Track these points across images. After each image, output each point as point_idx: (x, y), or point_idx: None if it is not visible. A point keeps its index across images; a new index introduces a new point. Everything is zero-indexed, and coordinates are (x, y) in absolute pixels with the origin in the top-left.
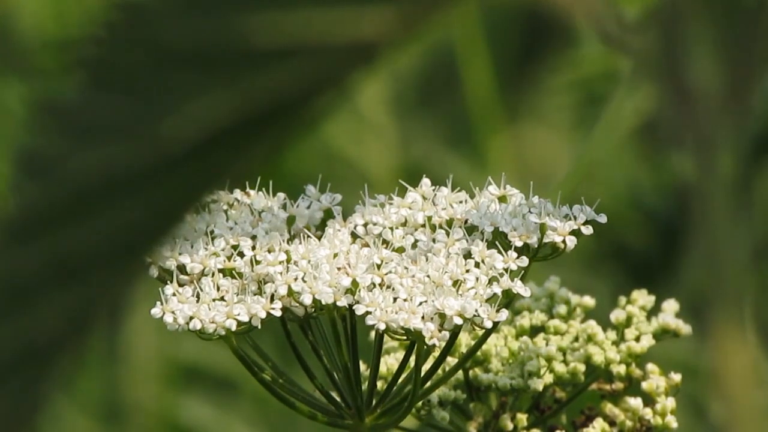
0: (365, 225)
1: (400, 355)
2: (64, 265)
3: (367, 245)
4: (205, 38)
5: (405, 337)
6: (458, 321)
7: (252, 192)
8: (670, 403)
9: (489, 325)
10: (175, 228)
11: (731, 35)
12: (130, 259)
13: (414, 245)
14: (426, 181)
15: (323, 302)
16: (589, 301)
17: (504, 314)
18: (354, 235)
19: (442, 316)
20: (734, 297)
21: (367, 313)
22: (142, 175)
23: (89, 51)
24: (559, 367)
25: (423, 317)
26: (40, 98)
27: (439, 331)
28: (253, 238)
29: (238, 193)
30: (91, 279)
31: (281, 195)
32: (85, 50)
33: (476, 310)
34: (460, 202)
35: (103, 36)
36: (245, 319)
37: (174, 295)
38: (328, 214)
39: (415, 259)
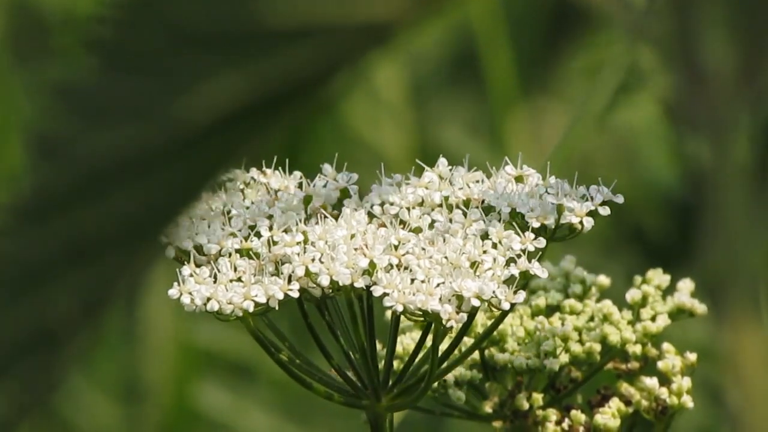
0: (382, 205)
1: (416, 334)
2: (78, 247)
3: (383, 225)
4: (220, 19)
5: (422, 319)
6: (476, 303)
7: (268, 171)
8: (686, 382)
9: (506, 306)
10: (190, 209)
11: (745, 18)
12: (144, 240)
13: (431, 225)
14: (443, 161)
15: (341, 283)
16: (604, 280)
17: (521, 296)
18: (370, 215)
19: (460, 297)
20: (749, 282)
21: (385, 294)
22: (155, 156)
23: (103, 32)
24: (575, 347)
25: (440, 299)
26: (54, 80)
27: (457, 312)
28: (270, 217)
29: (254, 173)
30: (104, 261)
31: (297, 174)
32: (99, 31)
33: (494, 292)
34: (477, 182)
35: (117, 16)
36: (263, 300)
37: (191, 275)
38: (345, 194)
39: (433, 239)
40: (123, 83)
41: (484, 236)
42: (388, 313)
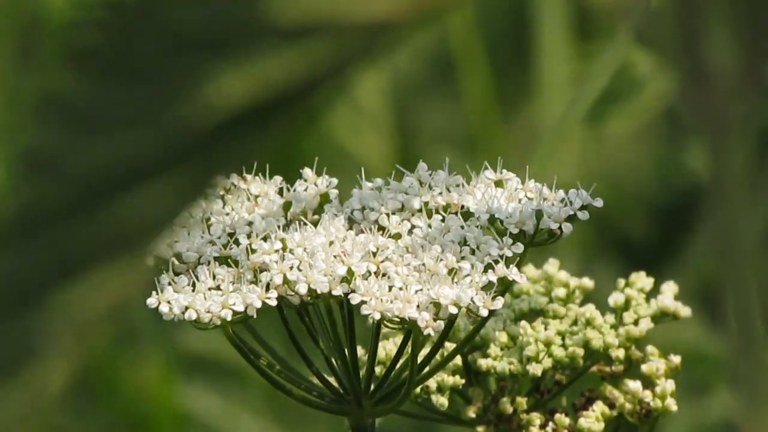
0: (362, 210)
1: (399, 339)
2: (69, 261)
3: (363, 231)
4: (217, 21)
5: (400, 326)
6: (453, 310)
7: (249, 177)
8: (670, 385)
9: (485, 313)
10: (182, 219)
11: (748, 17)
12: (137, 253)
13: (410, 231)
14: (422, 165)
15: (318, 291)
16: (587, 282)
17: (500, 302)
18: (351, 221)
19: (437, 305)
20: (748, 284)
21: (362, 302)
22: (150, 167)
23: (96, 37)
24: (558, 352)
25: (418, 306)
26: (45, 89)
27: (434, 320)
28: (250, 224)
29: (235, 178)
30: (96, 274)
31: (278, 178)
32: (92, 36)
33: (472, 299)
34: (457, 185)
35: (112, 20)
36: (240, 308)
37: (170, 284)
38: (325, 199)
39: (411, 246)
40: (116, 91)
41: (463, 242)
42: (371, 320)
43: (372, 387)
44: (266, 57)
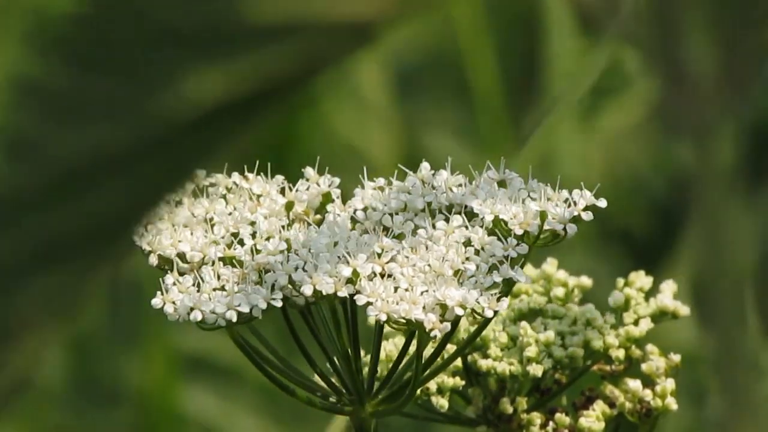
0: (365, 210)
1: (400, 341)
2: (47, 249)
3: (367, 231)
4: (198, 15)
5: (406, 327)
6: (459, 312)
7: (251, 176)
8: (670, 384)
9: (490, 314)
10: (161, 209)
11: (727, 20)
12: (115, 240)
13: (414, 232)
14: (425, 165)
15: (324, 293)
16: (586, 281)
17: (504, 303)
18: (353, 220)
19: (443, 306)
20: (735, 285)
21: (369, 303)
22: (129, 156)
23: (77, 28)
24: (558, 352)
25: (424, 307)
26: (25, 78)
27: (440, 321)
28: (252, 224)
29: (236, 177)
30: (74, 263)
31: (279, 178)
32: (73, 27)
33: (477, 300)
34: (460, 185)
35: (92, 12)
36: (246, 310)
37: (174, 284)
38: (327, 198)
39: (416, 247)
40: (97, 81)
41: (467, 243)
42: (371, 319)
43: (375, 387)
44: (244, 53)
